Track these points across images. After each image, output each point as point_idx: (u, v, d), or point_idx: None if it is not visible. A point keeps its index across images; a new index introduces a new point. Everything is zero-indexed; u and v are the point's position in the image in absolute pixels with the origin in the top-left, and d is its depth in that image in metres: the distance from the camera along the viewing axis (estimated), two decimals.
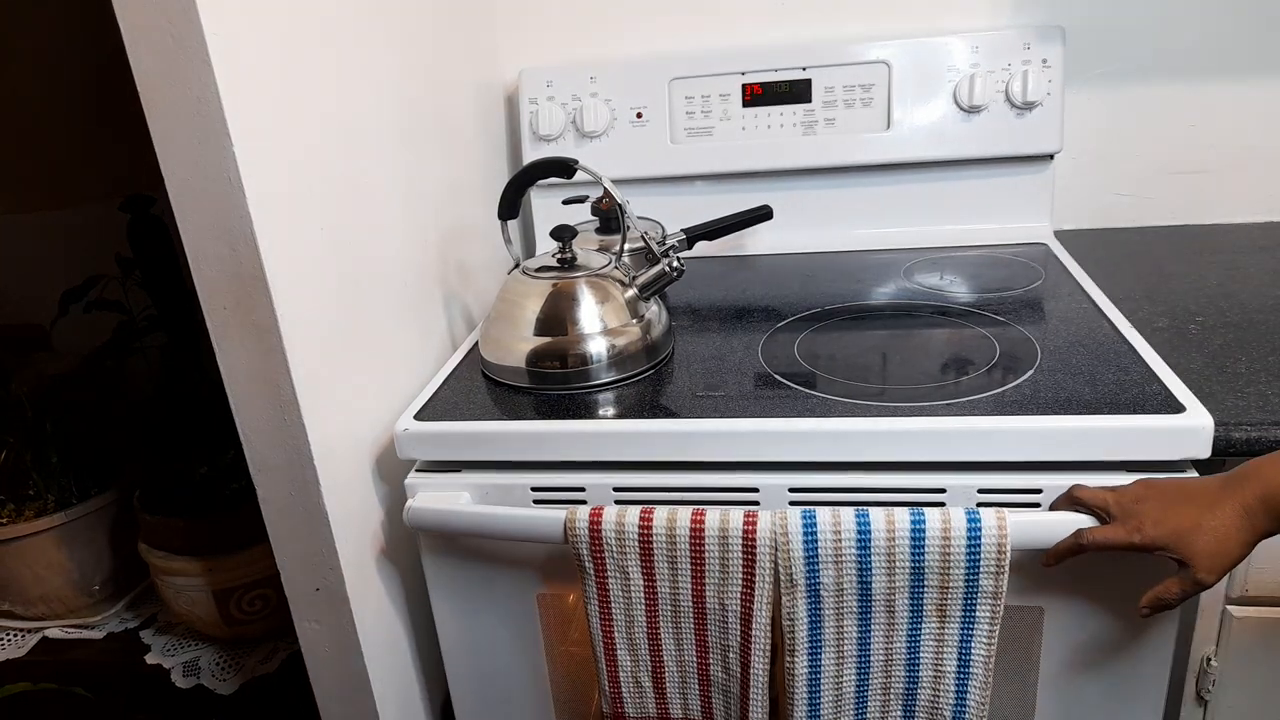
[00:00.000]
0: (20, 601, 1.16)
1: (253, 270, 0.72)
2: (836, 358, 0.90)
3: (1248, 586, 0.80)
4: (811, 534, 0.71)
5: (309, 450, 0.78)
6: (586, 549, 0.76)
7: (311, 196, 0.79)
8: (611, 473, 0.81)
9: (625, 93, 1.25)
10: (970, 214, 1.24)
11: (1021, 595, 0.78)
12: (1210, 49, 1.21)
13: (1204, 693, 0.84)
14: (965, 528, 0.70)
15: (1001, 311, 0.97)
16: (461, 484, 0.83)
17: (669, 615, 0.77)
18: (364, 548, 0.87)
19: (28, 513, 1.13)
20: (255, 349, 0.75)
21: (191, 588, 1.07)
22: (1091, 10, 1.21)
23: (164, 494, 1.10)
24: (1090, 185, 1.29)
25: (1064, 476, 0.74)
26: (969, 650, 0.74)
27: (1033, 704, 0.82)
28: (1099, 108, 1.26)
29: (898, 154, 1.21)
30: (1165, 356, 0.85)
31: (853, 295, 1.07)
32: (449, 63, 1.12)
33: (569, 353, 0.89)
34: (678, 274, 0.92)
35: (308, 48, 0.79)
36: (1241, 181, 1.26)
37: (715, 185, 1.28)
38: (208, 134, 0.68)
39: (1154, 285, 1.05)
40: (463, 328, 1.13)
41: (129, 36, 0.66)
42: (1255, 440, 0.72)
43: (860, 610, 0.74)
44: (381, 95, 0.93)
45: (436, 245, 1.05)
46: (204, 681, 1.08)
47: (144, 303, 1.23)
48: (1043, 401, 0.77)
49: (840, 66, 1.20)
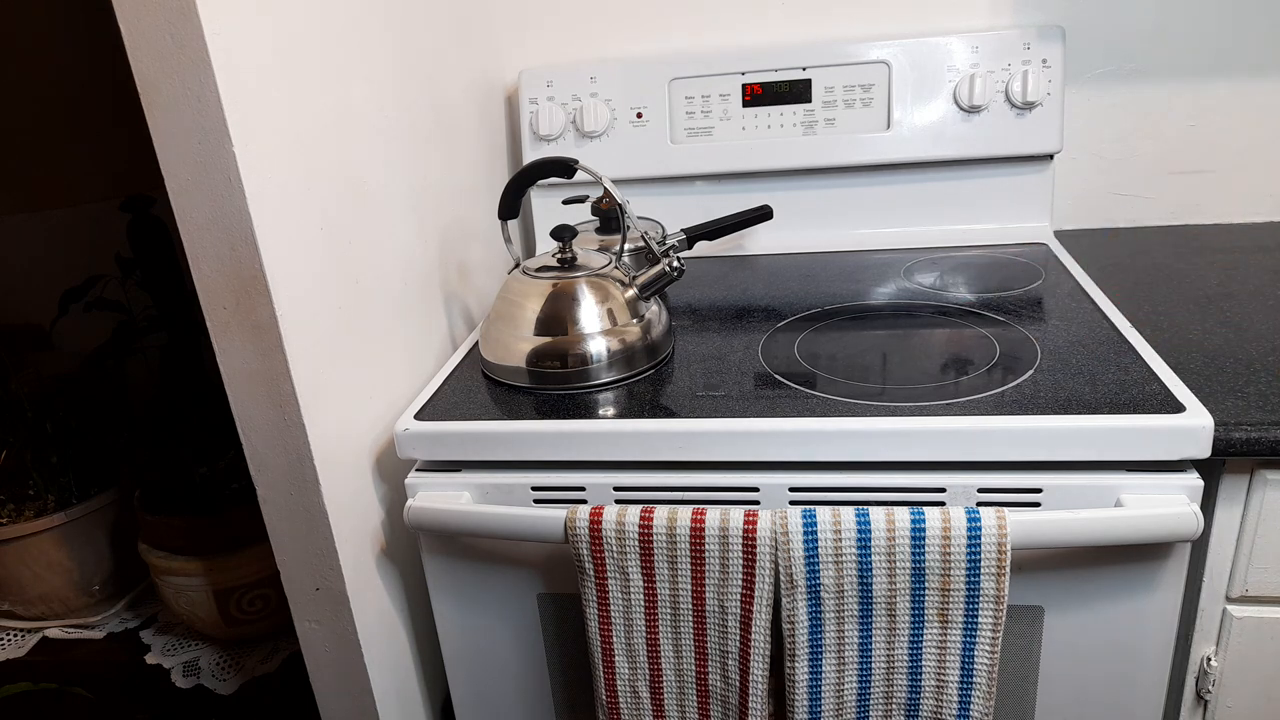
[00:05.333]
0: (20, 601, 1.16)
1: (253, 270, 0.72)
2: (836, 357, 0.90)
3: (1248, 586, 0.80)
4: (812, 533, 0.71)
5: (309, 450, 0.78)
6: (586, 548, 0.76)
7: (311, 196, 0.79)
8: (612, 472, 0.82)
9: (625, 93, 1.25)
10: (970, 214, 1.24)
11: (1021, 595, 0.78)
12: (1210, 49, 1.21)
13: (1204, 693, 0.84)
14: (965, 527, 0.70)
15: (1001, 311, 0.98)
16: (461, 484, 0.83)
17: (668, 619, 0.77)
18: (364, 548, 0.87)
19: (28, 513, 1.13)
20: (255, 349, 0.75)
21: (191, 588, 1.07)
22: (1091, 10, 1.21)
23: (164, 494, 1.10)
24: (1090, 185, 1.29)
25: (1064, 476, 0.74)
26: (972, 658, 0.73)
27: (1033, 704, 0.82)
28: (1099, 108, 1.26)
29: (898, 154, 1.21)
30: (1165, 356, 0.85)
31: (853, 295, 1.07)
32: (449, 62, 1.12)
33: (569, 352, 0.89)
34: (678, 274, 0.92)
35: (308, 48, 0.79)
36: (1241, 181, 1.26)
37: (715, 185, 1.28)
38: (208, 134, 0.68)
39: (1154, 285, 1.05)
40: (463, 328, 1.13)
41: (129, 36, 0.66)
42: (1255, 440, 0.72)
43: (861, 614, 0.73)
44: (382, 95, 0.93)
45: (436, 245, 1.05)
46: (204, 681, 1.08)
47: (144, 303, 1.23)
48: (1043, 401, 0.77)
49: (840, 66, 1.20)
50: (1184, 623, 0.82)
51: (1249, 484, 0.77)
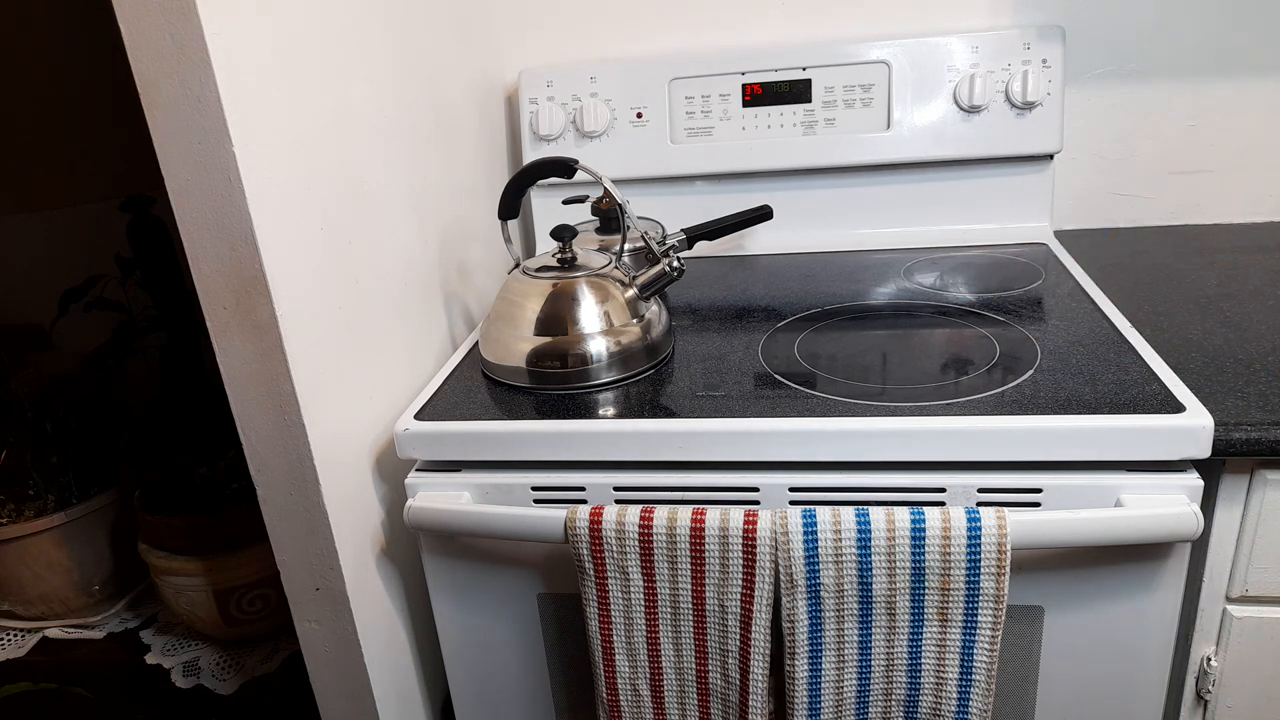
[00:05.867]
0: (20, 601, 1.16)
1: (253, 270, 0.72)
2: (836, 357, 0.90)
3: (1248, 586, 0.80)
4: (812, 533, 0.71)
5: (309, 450, 0.78)
6: (586, 548, 0.76)
7: (311, 196, 0.79)
8: (612, 472, 0.82)
9: (625, 93, 1.25)
10: (970, 214, 1.24)
11: (1021, 595, 0.78)
12: (1210, 49, 1.21)
13: (1204, 693, 0.84)
14: (965, 527, 0.70)
15: (1001, 311, 0.98)
16: (461, 484, 0.84)
17: (668, 618, 0.77)
18: (364, 548, 0.87)
19: (28, 513, 1.13)
20: (255, 349, 0.75)
21: (191, 588, 1.07)
22: (1091, 10, 1.21)
23: (164, 494, 1.10)
24: (1090, 185, 1.29)
25: (1064, 476, 0.74)
26: (971, 657, 0.73)
27: (1033, 704, 0.82)
28: (1099, 108, 1.26)
29: (898, 154, 1.21)
30: (1165, 356, 0.85)
31: (853, 295, 1.07)
32: (449, 62, 1.12)
33: (569, 352, 0.89)
34: (678, 274, 0.92)
35: (308, 48, 0.79)
36: (1241, 181, 1.26)
37: (715, 185, 1.28)
38: (208, 134, 0.68)
39: (1154, 285, 1.05)
40: (463, 328, 1.13)
41: (129, 36, 0.66)
42: (1255, 440, 0.72)
43: (861, 612, 0.74)
44: (382, 95, 0.93)
45: (436, 245, 1.05)
46: (204, 681, 1.08)
47: (144, 303, 1.23)
48: (1043, 401, 0.77)
49: (840, 66, 1.20)
50: (1184, 623, 0.82)
51: (1249, 484, 0.77)
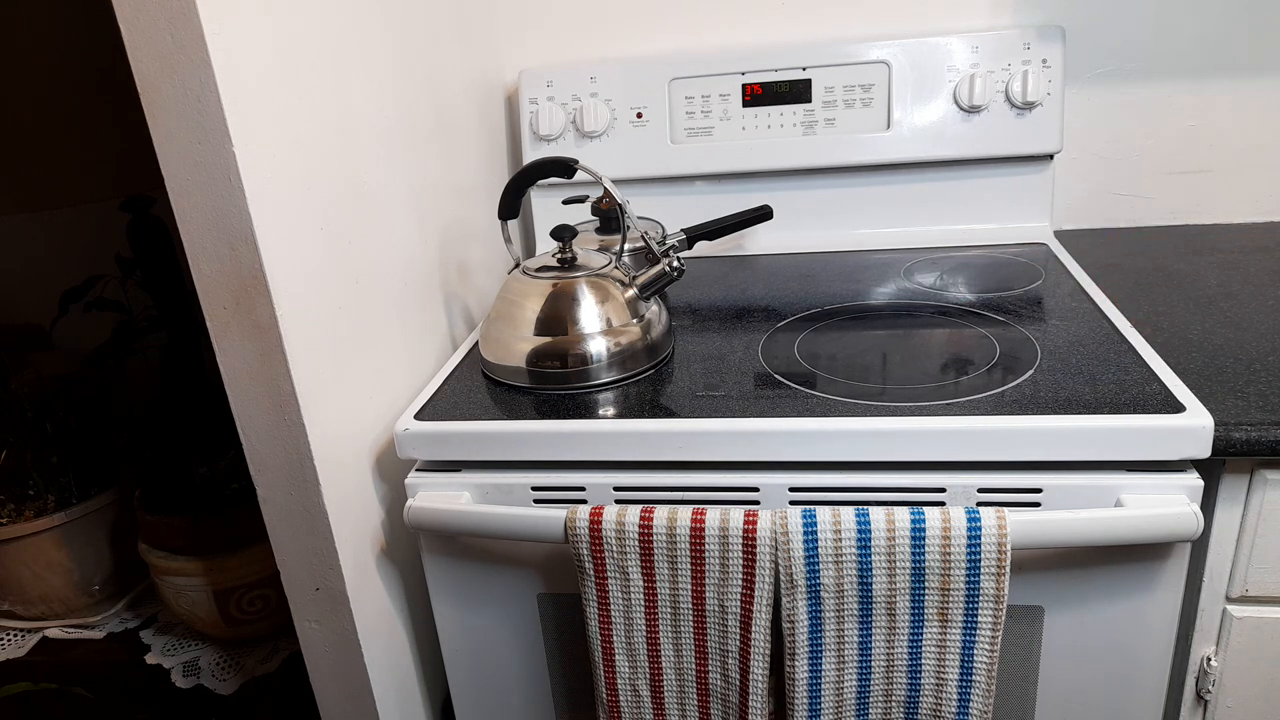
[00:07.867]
0: (20, 601, 1.16)
1: (253, 270, 0.72)
2: (836, 357, 0.90)
3: (1248, 586, 0.80)
4: (812, 533, 0.71)
5: (309, 450, 0.78)
6: (586, 548, 0.76)
7: (311, 196, 0.79)
8: (611, 472, 0.82)
9: (625, 93, 1.25)
10: (970, 214, 1.24)
11: (1021, 595, 0.78)
12: (1210, 49, 1.21)
13: (1204, 693, 0.84)
14: (965, 527, 0.70)
15: (1001, 311, 0.98)
16: (461, 484, 0.83)
17: (668, 618, 0.77)
18: (364, 548, 0.87)
19: (28, 513, 1.13)
20: (255, 349, 0.75)
21: (191, 588, 1.07)
22: (1091, 10, 1.21)
23: (164, 494, 1.10)
24: (1090, 185, 1.29)
25: (1064, 476, 0.74)
26: (971, 657, 0.73)
27: (1033, 704, 0.82)
28: (1099, 108, 1.26)
29: (898, 154, 1.21)
30: (1165, 356, 0.85)
31: (853, 295, 1.07)
32: (449, 62, 1.12)
33: (569, 352, 0.89)
34: (678, 274, 0.92)
35: (308, 48, 0.79)
36: (1241, 181, 1.26)
37: (715, 185, 1.28)
38: (208, 134, 0.68)
39: (1154, 285, 1.05)
40: (463, 328, 1.13)
41: (129, 36, 0.66)
42: (1255, 440, 0.72)
43: (861, 613, 0.74)
44: (382, 95, 0.93)
45: (436, 245, 1.05)
46: (204, 681, 1.08)
47: (144, 303, 1.23)
48: (1043, 401, 0.77)
49: (840, 66, 1.20)
50: (1184, 623, 0.82)
51: (1249, 484, 0.77)
